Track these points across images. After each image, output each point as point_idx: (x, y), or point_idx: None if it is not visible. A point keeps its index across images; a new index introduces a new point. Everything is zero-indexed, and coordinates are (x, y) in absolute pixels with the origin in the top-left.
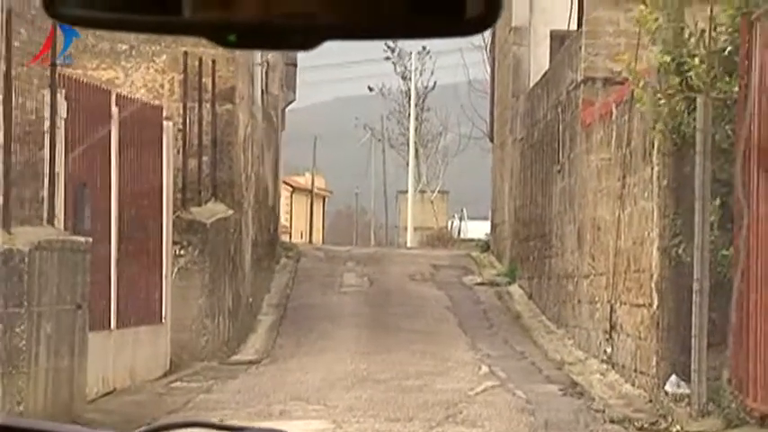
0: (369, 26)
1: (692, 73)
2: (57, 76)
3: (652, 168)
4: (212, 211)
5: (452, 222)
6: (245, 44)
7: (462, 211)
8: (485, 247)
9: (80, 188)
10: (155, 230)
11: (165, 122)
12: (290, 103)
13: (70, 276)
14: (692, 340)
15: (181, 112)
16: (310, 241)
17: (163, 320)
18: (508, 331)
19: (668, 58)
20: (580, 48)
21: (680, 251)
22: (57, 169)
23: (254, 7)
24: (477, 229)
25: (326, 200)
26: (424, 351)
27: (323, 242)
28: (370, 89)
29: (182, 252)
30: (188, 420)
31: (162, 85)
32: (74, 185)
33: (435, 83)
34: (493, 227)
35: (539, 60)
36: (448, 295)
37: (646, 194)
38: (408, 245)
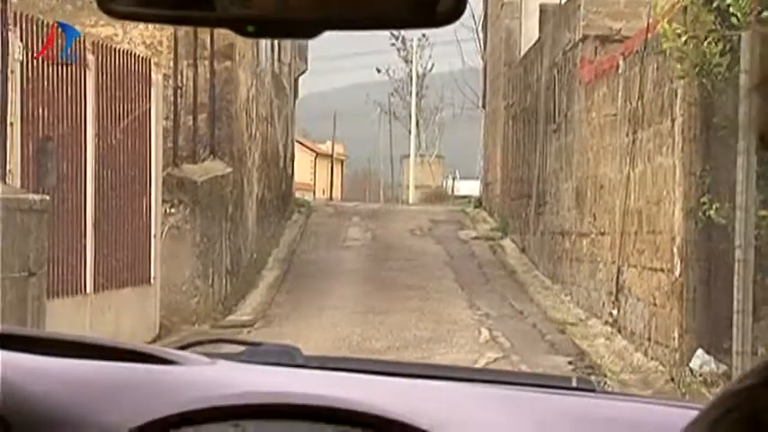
0: (359, 20)
1: (728, 2)
2: (9, 12)
3: (673, 120)
4: (208, 168)
5: (446, 182)
6: (261, 34)
7: (455, 171)
8: (477, 203)
9: (43, 142)
10: (141, 188)
11: (154, 75)
12: (303, 72)
13: (19, 240)
14: (735, 316)
15: (173, 65)
16: (330, 198)
17: (151, 281)
18: (505, 287)
19: None
20: (579, 6)
21: (710, 212)
22: (9, 119)
23: (270, 6)
24: (468, 188)
25: (344, 163)
26: (422, 310)
27: (342, 198)
28: (378, 71)
29: (172, 211)
30: (215, 338)
31: (160, 42)
32: (36, 139)
33: (433, 65)
34: (485, 185)
35: (529, 33)
36: (445, 249)
37: (664, 150)
38: (410, 201)
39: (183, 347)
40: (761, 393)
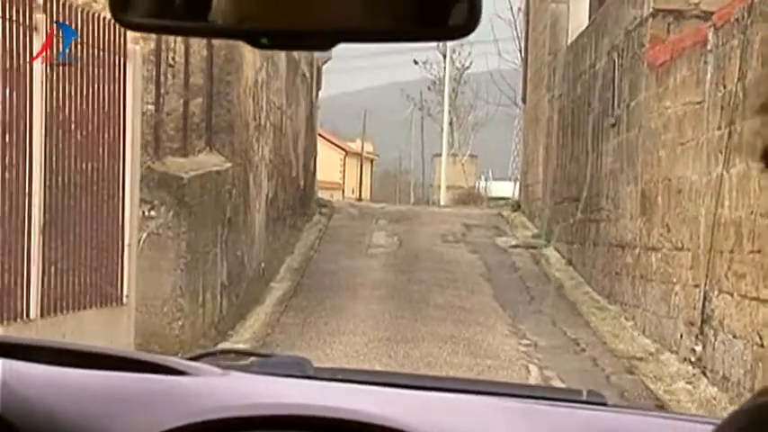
0: (371, 33)
1: None
2: None
3: None
4: (201, 163)
5: (479, 183)
6: (275, 46)
7: (488, 172)
8: (515, 206)
9: None
10: (110, 186)
11: (130, 46)
12: (327, 60)
13: None
14: None
15: (158, 37)
16: (360, 197)
17: (124, 301)
18: (553, 307)
19: None
20: None
21: None
22: None
23: (283, 18)
24: (501, 189)
25: (374, 162)
26: (456, 339)
27: (371, 197)
28: (415, 62)
29: (152, 213)
30: (226, 348)
31: None
32: None
33: (471, 62)
34: (524, 187)
35: (578, 17)
36: (482, 259)
37: None
38: (441, 202)
39: (194, 358)
40: None
